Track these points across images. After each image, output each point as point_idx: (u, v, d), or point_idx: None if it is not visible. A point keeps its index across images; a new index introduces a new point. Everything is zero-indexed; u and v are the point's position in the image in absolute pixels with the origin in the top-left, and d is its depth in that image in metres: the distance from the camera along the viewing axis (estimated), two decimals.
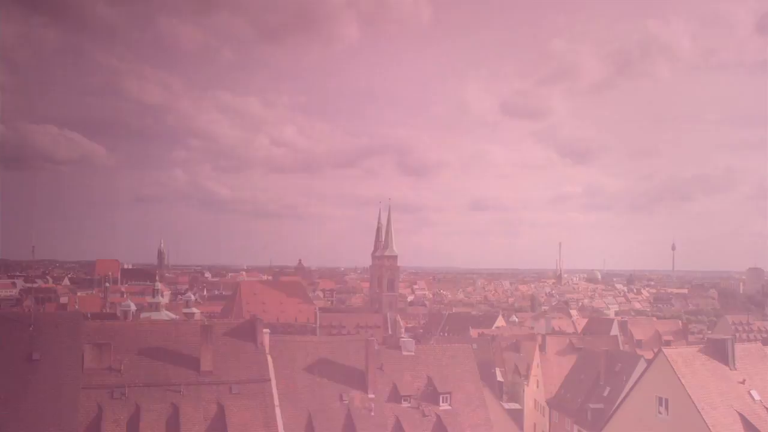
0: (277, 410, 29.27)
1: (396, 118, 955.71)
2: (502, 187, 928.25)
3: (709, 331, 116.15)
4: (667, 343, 67.47)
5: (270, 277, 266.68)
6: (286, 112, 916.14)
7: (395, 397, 34.17)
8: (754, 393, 32.08)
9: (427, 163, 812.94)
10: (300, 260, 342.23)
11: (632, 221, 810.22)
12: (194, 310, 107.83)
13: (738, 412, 30.50)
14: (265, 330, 32.64)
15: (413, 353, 37.00)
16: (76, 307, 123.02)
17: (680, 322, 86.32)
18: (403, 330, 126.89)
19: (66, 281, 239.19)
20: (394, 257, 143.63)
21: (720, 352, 33.58)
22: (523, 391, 64.26)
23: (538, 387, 58.56)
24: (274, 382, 30.47)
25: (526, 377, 65.29)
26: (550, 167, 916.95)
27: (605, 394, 44.88)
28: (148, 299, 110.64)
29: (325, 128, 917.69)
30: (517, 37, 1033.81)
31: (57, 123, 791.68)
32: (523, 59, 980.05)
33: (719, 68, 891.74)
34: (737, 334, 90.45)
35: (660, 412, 32.57)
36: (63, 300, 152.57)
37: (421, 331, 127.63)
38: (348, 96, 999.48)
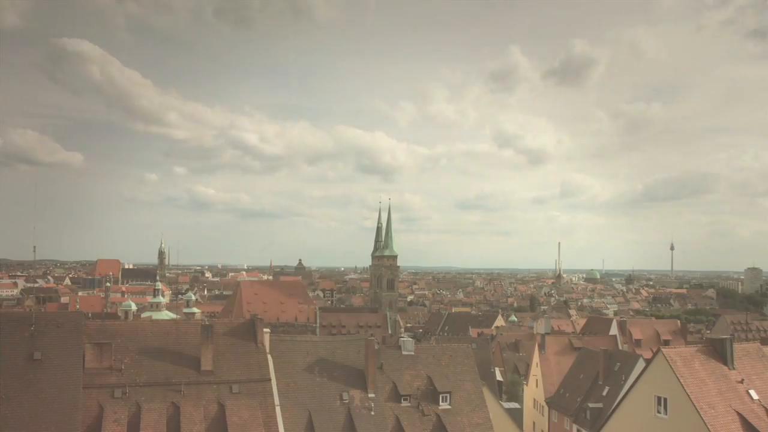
0: (278, 409, 29.34)
1: (360, 121, 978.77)
2: (481, 187, 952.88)
3: (708, 331, 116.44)
4: (666, 343, 67.65)
5: (270, 277, 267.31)
6: (253, 114, 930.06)
7: (395, 396, 34.31)
8: (752, 392, 32.18)
9: (394, 164, 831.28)
10: (300, 260, 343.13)
11: (612, 221, 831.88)
12: (195, 309, 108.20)
13: (736, 412, 30.60)
14: (265, 330, 32.71)
15: (413, 353, 37.16)
16: (77, 306, 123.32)
17: (679, 321, 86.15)
18: (402, 329, 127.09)
19: (67, 281, 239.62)
20: (394, 257, 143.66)
21: (718, 351, 33.69)
22: (523, 390, 64.43)
23: (537, 386, 58.68)
24: (274, 382, 30.55)
25: (526, 377, 65.47)
26: (516, 169, 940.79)
27: (604, 393, 44.97)
28: (149, 299, 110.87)
29: (292, 130, 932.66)
30: (472, 43, 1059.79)
31: (38, 127, 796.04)
32: (479, 66, 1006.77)
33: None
34: (736, 334, 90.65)
35: (659, 412, 32.69)
36: (64, 300, 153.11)
37: (421, 330, 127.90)
38: (312, 99, 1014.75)
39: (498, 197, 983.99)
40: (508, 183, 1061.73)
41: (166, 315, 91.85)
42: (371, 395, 33.44)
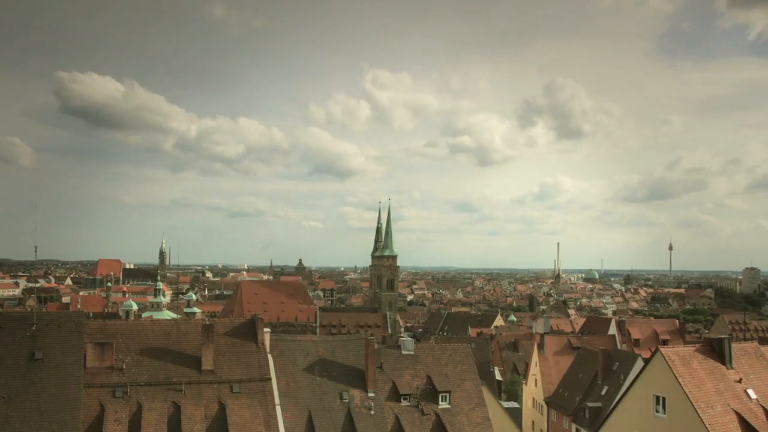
0: (278, 409, 29.48)
1: (320, 125, 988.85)
2: (455, 189, 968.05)
3: (706, 331, 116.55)
4: (665, 343, 67.87)
5: (270, 277, 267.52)
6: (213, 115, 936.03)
7: (395, 395, 34.47)
8: (750, 392, 32.31)
9: (349, 166, 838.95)
10: (300, 260, 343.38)
11: (584, 221, 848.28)
12: (195, 309, 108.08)
13: (735, 411, 30.73)
14: (265, 329, 32.84)
15: (413, 352, 37.31)
16: (79, 306, 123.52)
17: (677, 321, 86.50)
18: (402, 329, 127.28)
19: (68, 281, 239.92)
20: (394, 257, 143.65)
21: (717, 351, 33.81)
22: (522, 389, 64.61)
23: (536, 386, 58.83)
24: (274, 381, 30.70)
25: (525, 376, 65.63)
26: (482, 170, 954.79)
27: (603, 392, 45.10)
28: (150, 299, 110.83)
29: (239, 127, 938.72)
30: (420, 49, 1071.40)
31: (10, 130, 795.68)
32: (427, 69, 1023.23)
33: None
34: (734, 334, 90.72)
35: (657, 411, 32.86)
36: (65, 299, 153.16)
37: (421, 330, 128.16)
38: (258, 96, 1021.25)
39: (471, 197, 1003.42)
40: (477, 184, 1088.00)
41: (167, 315, 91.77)
42: (371, 394, 33.58)
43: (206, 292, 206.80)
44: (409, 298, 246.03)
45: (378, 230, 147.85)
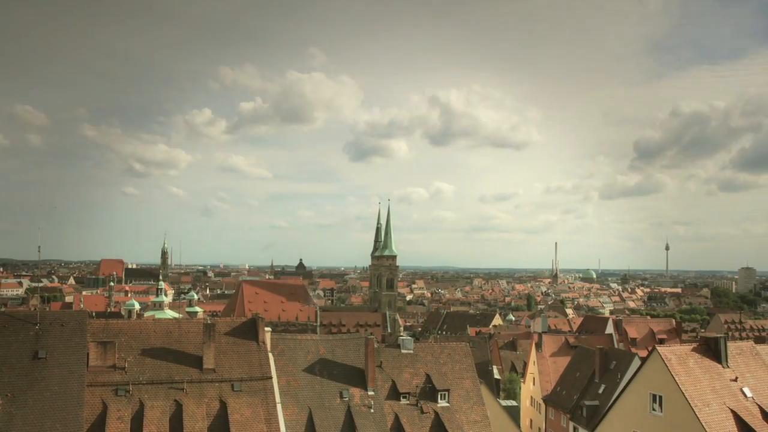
0: (279, 407, 29.79)
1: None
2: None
3: (703, 330, 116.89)
4: (661, 342, 68.23)
5: (271, 277, 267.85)
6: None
7: (394, 394, 34.76)
8: (746, 390, 32.65)
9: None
10: (301, 260, 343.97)
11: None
12: (197, 309, 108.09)
13: (730, 409, 31.07)
14: (266, 328, 33.16)
15: (412, 351, 37.60)
16: (81, 305, 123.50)
17: (674, 320, 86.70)
18: (401, 328, 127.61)
19: (71, 280, 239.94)
20: (393, 257, 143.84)
21: (713, 350, 34.15)
22: (520, 388, 64.91)
23: (534, 384, 59.18)
24: (275, 380, 31.00)
25: (523, 375, 65.96)
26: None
27: (600, 391, 45.41)
28: (152, 298, 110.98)
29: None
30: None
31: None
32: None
33: None
34: (730, 333, 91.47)
35: (654, 409, 33.19)
36: (68, 299, 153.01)
37: (420, 329, 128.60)
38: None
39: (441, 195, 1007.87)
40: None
41: (168, 314, 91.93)
42: (371, 393, 33.88)
43: (208, 292, 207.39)
44: (409, 297, 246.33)
45: (378, 230, 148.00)
